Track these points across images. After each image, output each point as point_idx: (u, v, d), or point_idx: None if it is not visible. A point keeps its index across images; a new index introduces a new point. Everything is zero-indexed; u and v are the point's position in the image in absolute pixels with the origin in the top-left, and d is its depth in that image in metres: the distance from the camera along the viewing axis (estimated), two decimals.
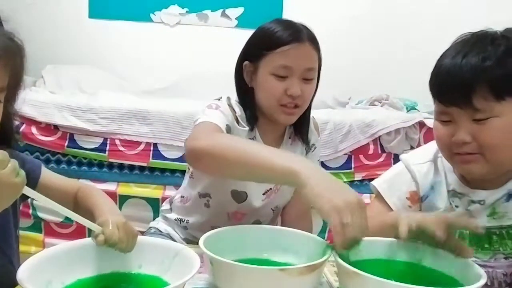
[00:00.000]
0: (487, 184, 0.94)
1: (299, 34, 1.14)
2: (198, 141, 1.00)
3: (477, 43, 0.88)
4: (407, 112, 2.73)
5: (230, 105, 1.19)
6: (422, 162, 1.03)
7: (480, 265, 0.89)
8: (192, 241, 1.27)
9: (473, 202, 0.95)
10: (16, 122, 0.92)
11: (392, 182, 1.04)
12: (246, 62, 1.20)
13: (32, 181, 0.93)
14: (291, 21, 1.19)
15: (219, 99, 1.20)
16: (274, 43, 1.14)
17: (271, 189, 1.25)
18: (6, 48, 0.78)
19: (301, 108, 1.18)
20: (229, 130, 1.12)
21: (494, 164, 0.88)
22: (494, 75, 0.84)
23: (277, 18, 1.22)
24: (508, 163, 0.90)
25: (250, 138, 1.20)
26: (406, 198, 1.02)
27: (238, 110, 1.20)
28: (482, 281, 0.71)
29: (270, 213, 1.29)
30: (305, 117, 1.26)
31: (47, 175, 0.96)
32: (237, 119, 1.18)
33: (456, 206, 0.97)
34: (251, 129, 1.20)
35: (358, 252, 0.80)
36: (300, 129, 1.28)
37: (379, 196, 1.05)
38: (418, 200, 1.02)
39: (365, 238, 0.86)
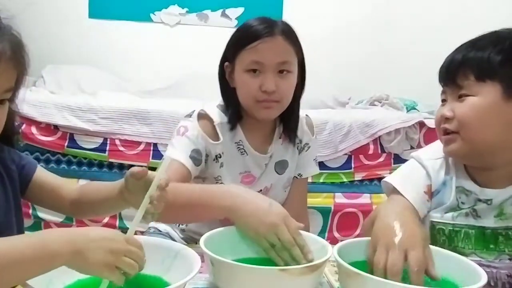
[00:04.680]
0: (492, 182, 0.96)
1: (269, 29, 1.12)
2: None
3: (486, 38, 0.94)
4: (407, 112, 2.73)
5: (204, 116, 1.17)
6: (435, 158, 1.03)
7: (484, 265, 0.90)
8: (191, 240, 1.27)
9: (479, 200, 0.96)
10: (16, 122, 0.92)
11: (408, 177, 1.03)
12: (226, 63, 1.19)
13: (26, 176, 0.93)
14: (266, 18, 1.16)
15: (191, 115, 1.19)
16: (244, 40, 1.13)
17: (260, 190, 1.23)
18: (15, 48, 0.77)
19: (281, 103, 1.16)
20: (198, 154, 1.13)
21: (469, 143, 0.92)
22: (480, 58, 0.91)
23: (256, 17, 1.19)
24: (482, 144, 0.92)
25: (235, 142, 1.19)
26: (424, 192, 1.01)
27: (218, 117, 1.18)
28: (483, 282, 0.71)
29: None
30: (292, 113, 1.23)
31: (42, 174, 0.96)
32: (215, 130, 1.16)
33: (462, 203, 0.98)
34: (232, 128, 1.18)
35: None
36: (288, 126, 1.24)
37: (395, 192, 1.03)
38: (431, 195, 1.02)
39: (367, 238, 0.87)
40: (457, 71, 0.93)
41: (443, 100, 0.98)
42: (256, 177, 1.23)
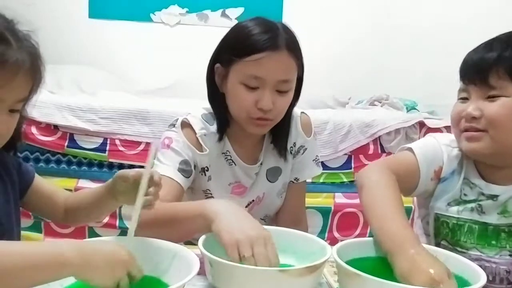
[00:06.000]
0: (499, 179, 0.97)
1: (275, 41, 1.01)
2: None
3: (510, 37, 0.94)
4: (407, 112, 2.73)
5: (188, 125, 1.12)
6: (452, 146, 1.02)
7: (484, 260, 0.93)
8: (190, 241, 1.26)
9: (483, 195, 0.97)
10: (23, 127, 0.93)
11: (426, 150, 1.02)
12: (217, 65, 1.10)
13: (26, 183, 0.94)
14: (266, 22, 1.06)
15: (174, 124, 1.13)
16: (246, 49, 1.02)
17: (253, 200, 1.21)
18: (34, 59, 0.78)
19: (275, 120, 1.08)
20: (187, 165, 1.08)
21: (498, 143, 0.91)
22: None
23: (255, 18, 1.09)
24: (511, 145, 0.91)
25: (222, 153, 1.14)
26: (434, 170, 1.00)
27: (200, 128, 1.11)
28: (482, 282, 0.71)
29: (262, 222, 1.26)
30: (283, 128, 1.15)
31: (40, 182, 0.97)
32: (198, 141, 1.10)
33: (465, 195, 0.99)
34: (220, 139, 1.13)
35: None
36: (277, 139, 1.17)
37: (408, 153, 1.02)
38: (439, 179, 1.01)
39: (367, 239, 0.87)
40: (490, 70, 0.90)
41: (464, 98, 0.96)
42: (247, 187, 1.19)
